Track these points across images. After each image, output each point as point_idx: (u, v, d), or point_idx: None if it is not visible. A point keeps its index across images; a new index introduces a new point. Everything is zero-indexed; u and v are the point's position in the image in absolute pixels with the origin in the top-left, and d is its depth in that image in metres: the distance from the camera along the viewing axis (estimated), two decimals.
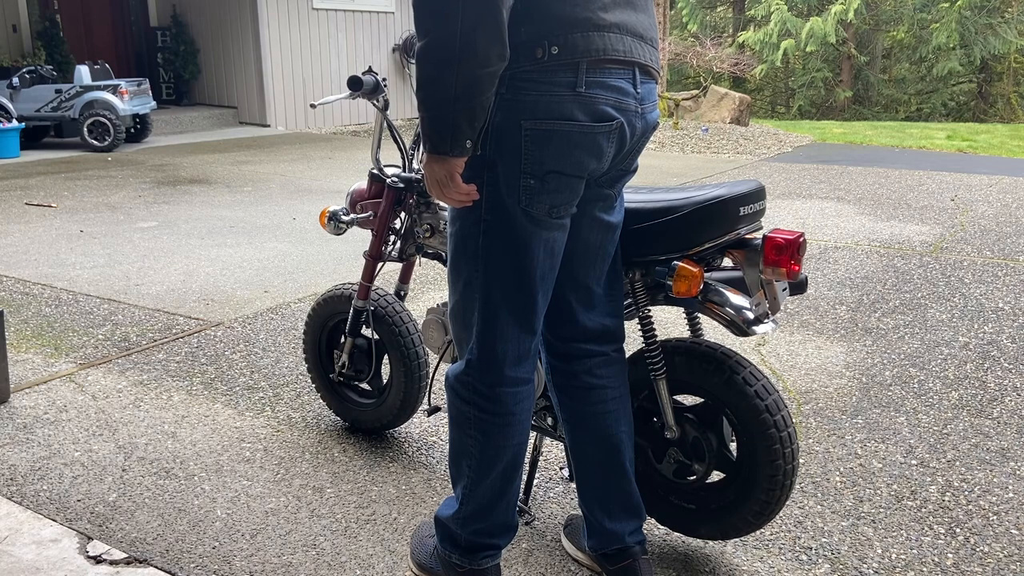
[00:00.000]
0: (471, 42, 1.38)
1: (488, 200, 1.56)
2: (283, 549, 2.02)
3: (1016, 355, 3.26)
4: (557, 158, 1.51)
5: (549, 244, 1.60)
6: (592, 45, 1.47)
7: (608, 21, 1.49)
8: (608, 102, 1.51)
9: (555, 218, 1.58)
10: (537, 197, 1.54)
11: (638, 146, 1.64)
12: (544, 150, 1.50)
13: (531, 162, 1.51)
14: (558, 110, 1.48)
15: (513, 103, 1.49)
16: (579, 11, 1.46)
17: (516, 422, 1.68)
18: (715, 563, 1.97)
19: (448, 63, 1.39)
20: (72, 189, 7.00)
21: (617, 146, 1.57)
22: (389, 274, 4.17)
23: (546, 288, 1.66)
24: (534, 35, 1.46)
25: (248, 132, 11.44)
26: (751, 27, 20.89)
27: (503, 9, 1.39)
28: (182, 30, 12.28)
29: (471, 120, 1.43)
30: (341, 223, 2.38)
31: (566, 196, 1.57)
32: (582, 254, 1.71)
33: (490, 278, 1.61)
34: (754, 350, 3.31)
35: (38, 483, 2.31)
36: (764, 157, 9.15)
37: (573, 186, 1.56)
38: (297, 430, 2.64)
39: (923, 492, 2.28)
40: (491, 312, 1.63)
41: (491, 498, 1.72)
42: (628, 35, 1.52)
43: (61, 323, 3.66)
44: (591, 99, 1.49)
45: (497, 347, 1.64)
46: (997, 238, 5.20)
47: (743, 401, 1.78)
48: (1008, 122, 18.12)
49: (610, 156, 1.57)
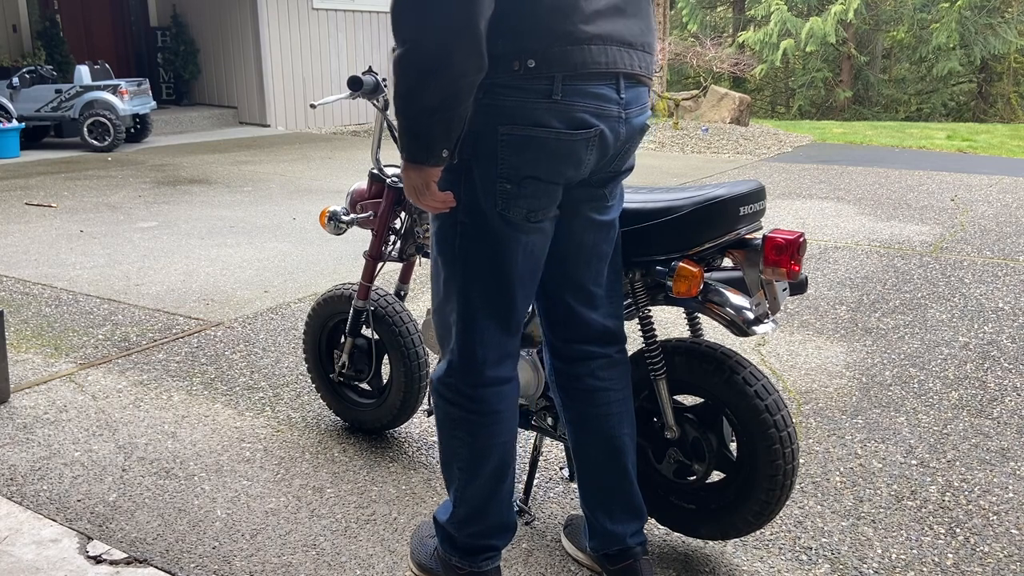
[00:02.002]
0: (448, 54, 1.37)
1: (466, 203, 1.56)
2: (283, 549, 2.02)
3: (1016, 355, 3.26)
4: (533, 164, 1.50)
5: (528, 248, 1.59)
6: (570, 59, 1.45)
7: (589, 33, 1.46)
8: (586, 109, 1.49)
9: (533, 222, 1.57)
10: (514, 201, 1.53)
11: (626, 149, 1.62)
12: (520, 156, 1.50)
13: (507, 167, 1.51)
14: (534, 117, 1.47)
15: (491, 108, 1.48)
16: (558, 24, 1.44)
17: (501, 420, 1.68)
18: (715, 563, 1.97)
19: (425, 74, 1.39)
20: (72, 189, 7.00)
21: (599, 152, 1.55)
22: (389, 274, 4.17)
23: (527, 291, 1.65)
24: (511, 48, 1.45)
25: (248, 132, 11.44)
26: (751, 27, 20.88)
27: (481, 20, 1.38)
28: (182, 30, 12.28)
29: (448, 130, 1.43)
30: (341, 223, 2.38)
31: (543, 201, 1.55)
32: (576, 255, 1.70)
33: (468, 280, 1.61)
34: (754, 350, 3.31)
35: (38, 483, 2.31)
36: (764, 157, 9.15)
37: (550, 192, 1.55)
38: (297, 430, 2.64)
39: (923, 492, 2.28)
40: (470, 314, 1.63)
41: (484, 499, 1.72)
42: (613, 45, 1.50)
43: (61, 323, 3.66)
44: (568, 107, 1.48)
45: (477, 349, 1.64)
46: (997, 238, 5.20)
47: (743, 401, 1.78)
48: (1008, 122, 18.12)
49: (591, 162, 1.56)
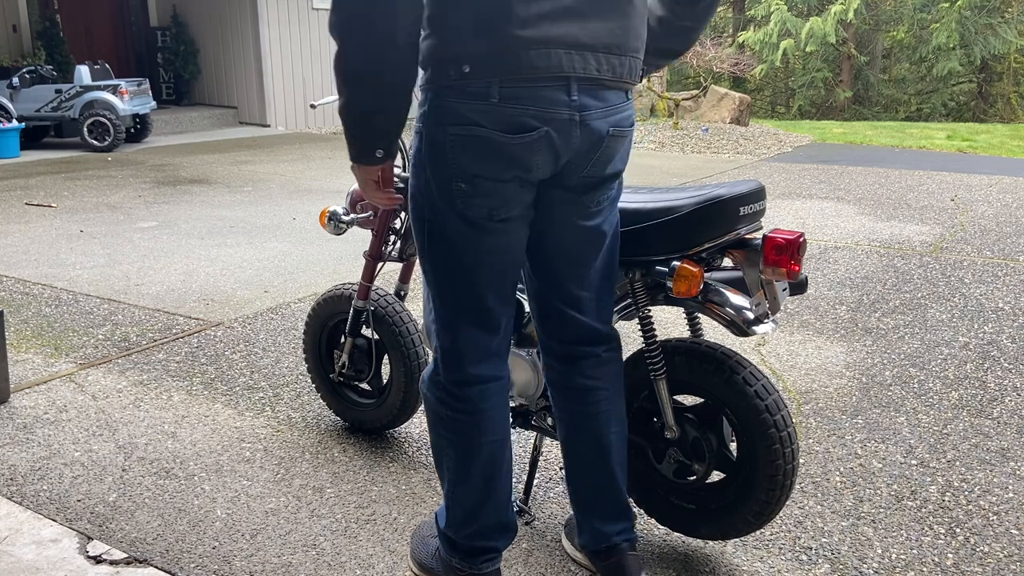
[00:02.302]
0: (373, 61, 1.40)
1: (428, 202, 1.56)
2: (283, 549, 2.02)
3: (1016, 355, 3.26)
4: (477, 163, 1.49)
5: (495, 248, 1.57)
6: (503, 65, 1.42)
7: (525, 38, 1.41)
8: (527, 113, 1.44)
9: (496, 221, 1.55)
10: (471, 200, 1.52)
11: (596, 154, 1.53)
12: (466, 155, 1.49)
13: (456, 166, 1.50)
14: (474, 118, 1.46)
15: (439, 109, 1.48)
16: (490, 31, 1.40)
17: (487, 419, 1.68)
18: (715, 563, 1.97)
19: (354, 80, 1.43)
20: (72, 189, 7.00)
21: (549, 156, 1.49)
22: (389, 274, 4.17)
23: (500, 290, 1.63)
24: (448, 54, 1.44)
25: (248, 132, 11.44)
26: (751, 27, 20.87)
27: (399, 31, 1.40)
28: (182, 30, 12.28)
29: (383, 132, 1.49)
30: (341, 223, 2.38)
31: (498, 200, 1.52)
32: (558, 258, 1.67)
33: (439, 278, 1.62)
34: (754, 350, 3.31)
35: (38, 483, 2.31)
36: (764, 157, 9.15)
37: (505, 191, 1.52)
38: (297, 430, 2.64)
39: (923, 492, 2.28)
40: (447, 312, 1.64)
41: (476, 499, 1.71)
42: (560, 48, 1.43)
43: (61, 323, 3.66)
44: (505, 110, 1.44)
45: (456, 345, 1.65)
46: (997, 238, 5.20)
47: (743, 401, 1.78)
48: (1008, 122, 18.11)
49: (541, 164, 1.50)
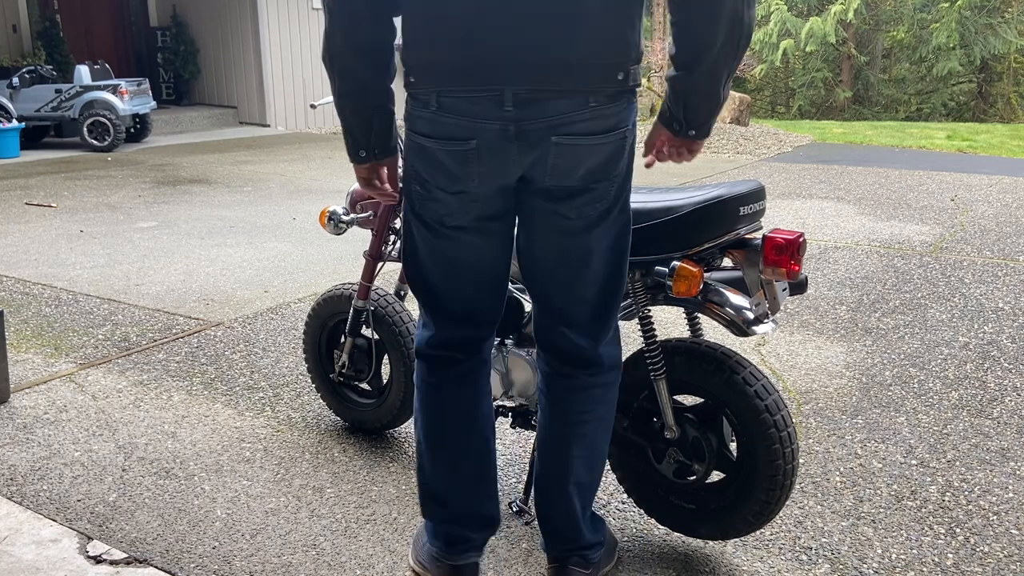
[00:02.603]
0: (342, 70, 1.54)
1: (407, 201, 1.67)
2: (283, 549, 2.02)
3: (1016, 355, 3.26)
4: (426, 170, 1.57)
5: (451, 253, 1.62)
6: (438, 76, 1.49)
7: (460, 51, 1.45)
8: (459, 123, 1.48)
9: (447, 227, 1.59)
10: (424, 204, 1.60)
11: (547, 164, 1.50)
12: (418, 161, 1.57)
13: (414, 170, 1.60)
14: (420, 127, 1.55)
15: (407, 115, 1.59)
16: (427, 42, 1.49)
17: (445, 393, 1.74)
18: (715, 563, 1.97)
19: (337, 87, 1.57)
20: (72, 189, 7.00)
21: (486, 167, 1.50)
22: (389, 274, 4.17)
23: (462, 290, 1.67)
24: (404, 63, 1.55)
25: (248, 132, 11.44)
26: None
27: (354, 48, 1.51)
28: (182, 30, 12.29)
29: (362, 135, 1.60)
30: (341, 223, 2.38)
31: (444, 208, 1.57)
32: (542, 268, 1.64)
33: (416, 266, 1.70)
34: (754, 350, 3.31)
35: (38, 483, 2.31)
36: (764, 157, 9.15)
37: (447, 200, 1.56)
38: (297, 430, 2.64)
39: (923, 492, 2.28)
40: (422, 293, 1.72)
41: (445, 485, 1.76)
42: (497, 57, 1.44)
43: (61, 323, 3.66)
44: (440, 119, 1.50)
45: (429, 322, 1.74)
46: (997, 238, 5.20)
47: (743, 401, 1.78)
48: (1008, 122, 18.10)
49: (476, 174, 1.51)
